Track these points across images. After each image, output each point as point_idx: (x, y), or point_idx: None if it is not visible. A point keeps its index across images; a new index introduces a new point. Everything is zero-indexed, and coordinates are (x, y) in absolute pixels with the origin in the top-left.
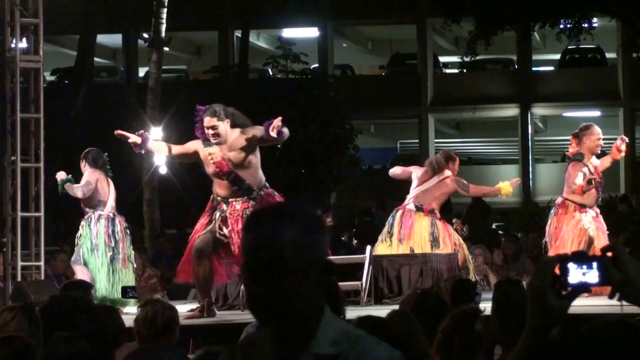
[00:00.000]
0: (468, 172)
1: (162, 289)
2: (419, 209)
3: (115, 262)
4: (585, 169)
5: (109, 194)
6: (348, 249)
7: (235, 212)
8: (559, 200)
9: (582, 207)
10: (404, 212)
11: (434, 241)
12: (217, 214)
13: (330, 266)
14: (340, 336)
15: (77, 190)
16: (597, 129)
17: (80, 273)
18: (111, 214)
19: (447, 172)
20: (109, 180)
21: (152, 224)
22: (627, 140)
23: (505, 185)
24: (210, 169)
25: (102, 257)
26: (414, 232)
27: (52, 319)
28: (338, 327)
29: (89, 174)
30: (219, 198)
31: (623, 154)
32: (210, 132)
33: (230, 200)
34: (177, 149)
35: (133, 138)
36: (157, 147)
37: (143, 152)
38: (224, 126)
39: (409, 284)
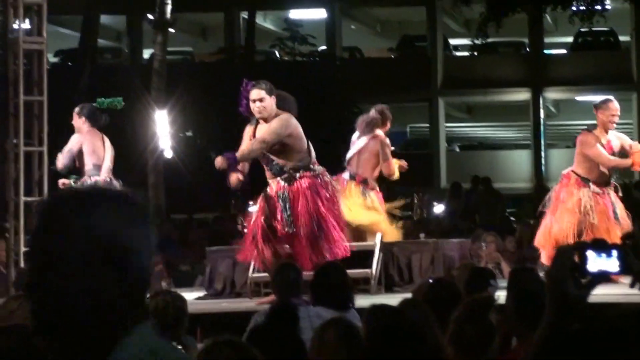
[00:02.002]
0: (479, 156)
1: (167, 275)
2: (352, 177)
3: None
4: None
5: (104, 156)
6: None
7: (274, 193)
8: (565, 171)
9: (584, 181)
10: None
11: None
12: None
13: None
14: (144, 355)
15: (58, 163)
16: (614, 105)
17: None
18: (107, 179)
19: (379, 132)
20: (105, 140)
21: (158, 209)
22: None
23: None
24: None
25: None
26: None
27: None
28: (145, 345)
29: (73, 139)
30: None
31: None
32: (257, 104)
33: (270, 181)
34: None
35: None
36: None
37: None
38: (270, 101)
39: (419, 271)
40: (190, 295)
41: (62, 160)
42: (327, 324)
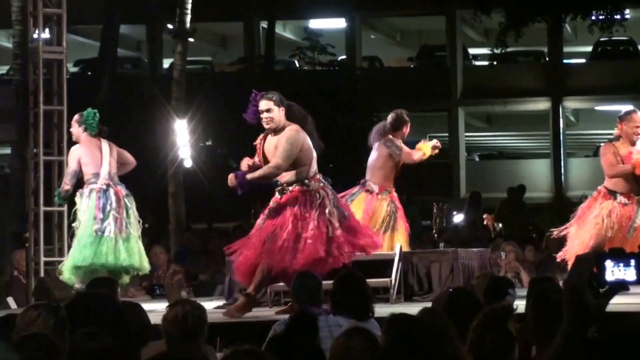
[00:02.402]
0: (499, 166)
1: (187, 285)
2: (362, 185)
3: (105, 233)
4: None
5: (101, 163)
6: None
7: (272, 204)
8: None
9: (611, 194)
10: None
11: None
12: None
13: None
14: None
15: (65, 187)
16: (638, 116)
17: None
18: (104, 186)
19: (390, 137)
20: (102, 143)
21: (178, 218)
22: None
23: (426, 145)
24: None
25: (88, 228)
26: None
27: (77, 316)
28: None
29: (71, 158)
30: None
31: None
32: (265, 115)
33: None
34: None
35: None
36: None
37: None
38: (278, 112)
39: (439, 281)
40: (209, 305)
41: (69, 183)
42: (351, 332)
